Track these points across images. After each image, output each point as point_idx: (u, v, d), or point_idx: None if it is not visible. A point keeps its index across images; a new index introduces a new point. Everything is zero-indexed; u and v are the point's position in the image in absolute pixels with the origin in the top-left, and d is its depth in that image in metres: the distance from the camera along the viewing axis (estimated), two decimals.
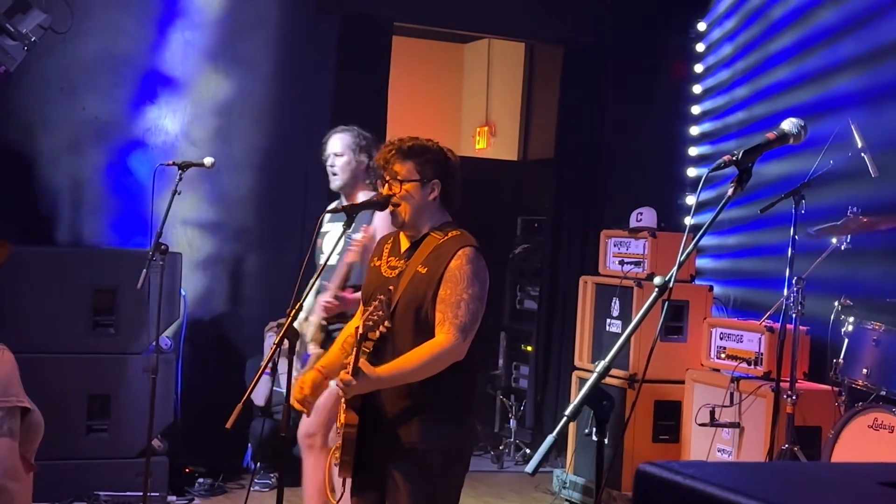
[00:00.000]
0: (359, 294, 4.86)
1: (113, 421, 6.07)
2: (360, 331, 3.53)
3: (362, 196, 5.12)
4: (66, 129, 6.60)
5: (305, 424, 5.00)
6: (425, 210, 3.78)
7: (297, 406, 3.78)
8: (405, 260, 3.78)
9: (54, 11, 5.96)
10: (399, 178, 3.74)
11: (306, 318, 5.07)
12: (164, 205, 5.32)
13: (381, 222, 5.01)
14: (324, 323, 5.02)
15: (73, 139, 6.53)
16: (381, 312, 3.52)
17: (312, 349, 4.97)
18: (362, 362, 3.53)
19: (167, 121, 6.90)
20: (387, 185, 3.78)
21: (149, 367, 5.43)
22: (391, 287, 3.65)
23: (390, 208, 3.78)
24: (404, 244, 3.85)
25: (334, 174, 5.22)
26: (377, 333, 3.61)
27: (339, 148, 5.22)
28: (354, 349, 3.54)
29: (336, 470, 3.73)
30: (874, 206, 5.57)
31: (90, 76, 6.71)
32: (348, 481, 3.80)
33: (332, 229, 5.21)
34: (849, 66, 6.48)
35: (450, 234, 3.76)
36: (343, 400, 3.66)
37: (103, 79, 6.75)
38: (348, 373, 3.51)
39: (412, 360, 3.59)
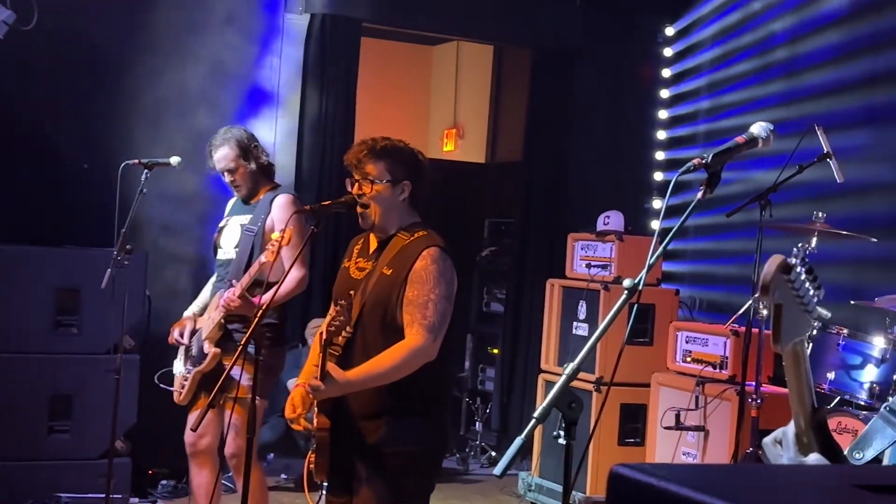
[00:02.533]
0: (266, 298, 4.74)
1: (75, 422, 6.00)
2: (325, 336, 3.50)
3: (267, 195, 5.04)
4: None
5: (231, 445, 4.79)
6: (394, 210, 3.77)
7: (294, 426, 3.77)
8: (373, 261, 3.77)
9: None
10: (370, 178, 3.73)
11: (201, 314, 4.98)
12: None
13: (278, 213, 4.92)
14: (222, 321, 4.86)
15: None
16: (342, 318, 3.49)
17: (207, 347, 4.84)
18: (331, 366, 3.51)
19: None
20: (356, 184, 3.76)
21: (112, 368, 5.37)
22: (352, 292, 3.62)
23: (359, 209, 3.77)
24: (373, 244, 3.84)
25: (237, 187, 5.07)
26: (341, 339, 3.58)
27: (229, 164, 5.03)
28: (321, 354, 3.51)
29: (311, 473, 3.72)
30: (840, 218, 5.63)
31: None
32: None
33: (230, 224, 5.10)
34: (823, 86, 6.55)
35: (416, 235, 3.75)
36: (314, 404, 3.64)
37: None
38: (317, 377, 3.49)
39: (382, 362, 3.57)
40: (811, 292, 1.90)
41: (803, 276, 1.88)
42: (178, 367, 5.04)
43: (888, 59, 6.10)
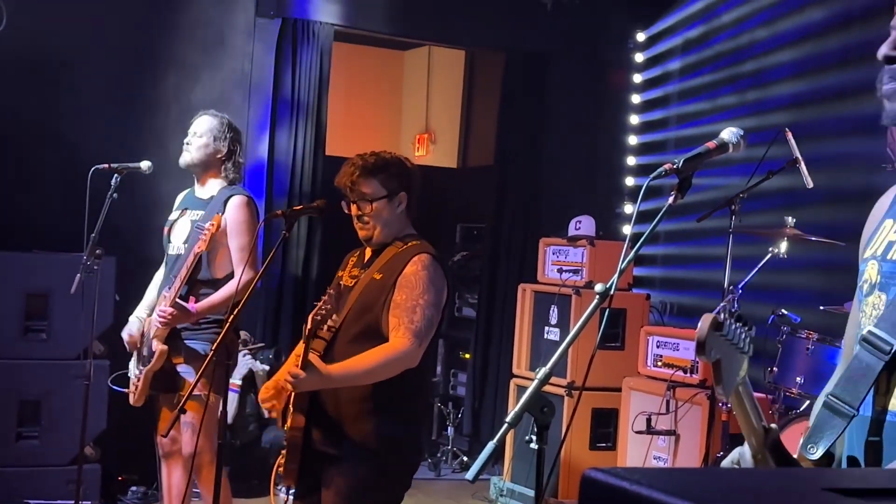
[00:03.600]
0: (203, 304, 4.73)
1: (44, 428, 5.96)
2: (309, 326, 3.45)
3: (212, 183, 4.99)
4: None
5: (189, 444, 4.74)
6: (394, 223, 3.79)
7: (265, 405, 3.75)
8: (366, 269, 3.77)
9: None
10: (368, 197, 3.73)
11: (150, 314, 4.92)
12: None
13: (232, 214, 4.86)
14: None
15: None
16: (329, 306, 3.44)
17: (155, 345, 4.75)
18: (313, 356, 3.47)
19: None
20: (354, 205, 3.75)
21: (82, 374, 5.34)
22: (343, 283, 3.60)
23: (358, 226, 3.77)
24: (368, 255, 3.85)
25: (187, 150, 5.00)
26: (325, 329, 3.52)
27: (201, 128, 5.00)
28: (304, 344, 3.47)
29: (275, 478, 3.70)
30: (811, 225, 5.69)
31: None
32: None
33: (182, 218, 5.03)
34: (793, 98, 6.60)
35: (409, 244, 3.77)
36: (290, 402, 3.62)
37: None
38: (297, 366, 3.45)
39: (365, 361, 3.55)
40: (744, 336, 1.96)
41: (734, 326, 1.94)
42: (132, 369, 5.00)
43: (855, 74, 6.16)
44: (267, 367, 6.71)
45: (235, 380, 6.46)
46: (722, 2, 7.31)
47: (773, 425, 2.08)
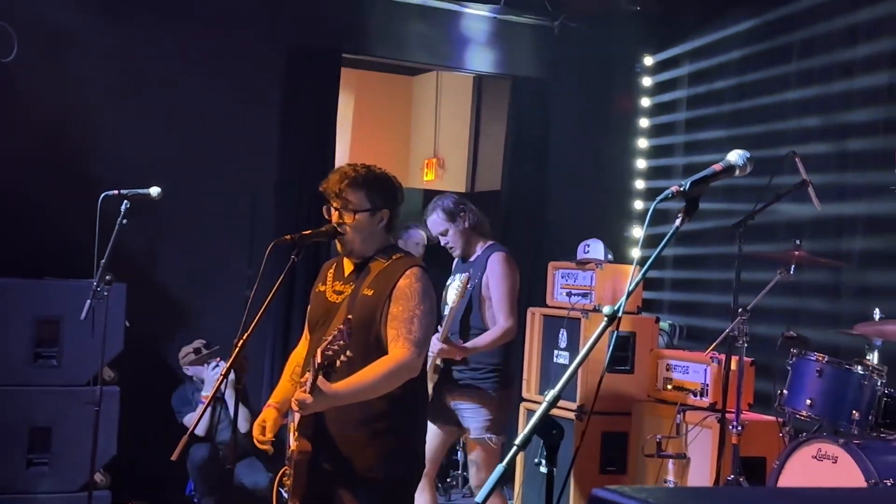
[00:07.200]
0: (468, 343, 5.26)
1: (54, 454, 5.97)
2: (319, 360, 3.44)
3: (484, 253, 5.43)
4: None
5: (474, 480, 5.42)
6: (373, 237, 3.85)
7: (261, 446, 3.80)
8: (351, 284, 3.80)
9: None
10: (351, 207, 3.78)
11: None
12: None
13: (492, 270, 5.33)
14: (438, 364, 5.34)
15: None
16: (342, 342, 3.44)
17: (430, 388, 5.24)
18: (319, 379, 3.49)
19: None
20: (336, 212, 3.80)
21: (92, 400, 5.35)
22: (350, 316, 3.60)
23: (338, 237, 3.81)
24: (348, 268, 3.89)
25: (451, 248, 5.51)
26: (339, 364, 3.55)
27: (439, 228, 5.46)
28: (312, 371, 3.47)
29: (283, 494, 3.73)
30: (819, 249, 5.69)
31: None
32: None
33: (455, 281, 5.38)
34: (799, 136, 6.61)
35: (394, 257, 3.84)
36: (294, 427, 3.64)
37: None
38: (305, 391, 3.47)
39: (369, 375, 3.61)
40: None
41: None
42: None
43: (860, 113, 6.17)
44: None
45: (206, 393, 6.41)
46: (732, 43, 7.30)
47: None
